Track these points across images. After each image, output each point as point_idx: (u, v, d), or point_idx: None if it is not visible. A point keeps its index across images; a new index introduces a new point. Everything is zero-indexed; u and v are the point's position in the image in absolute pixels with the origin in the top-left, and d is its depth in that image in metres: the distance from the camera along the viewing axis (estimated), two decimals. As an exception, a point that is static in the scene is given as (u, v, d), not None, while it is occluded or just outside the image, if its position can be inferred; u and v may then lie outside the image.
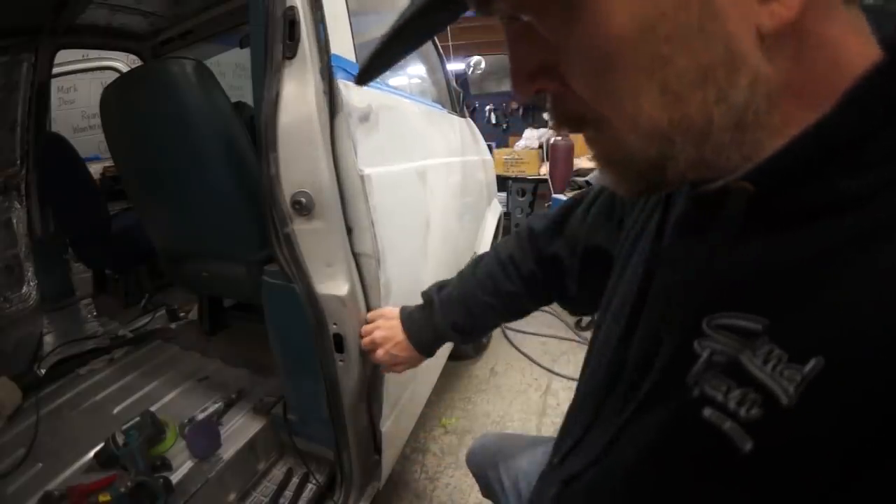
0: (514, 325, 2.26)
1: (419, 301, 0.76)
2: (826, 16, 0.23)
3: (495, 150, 3.29)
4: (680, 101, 0.23)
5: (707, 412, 0.25)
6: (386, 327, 0.76)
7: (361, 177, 0.80)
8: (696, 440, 0.26)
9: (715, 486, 0.25)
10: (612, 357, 0.38)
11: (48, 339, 1.52)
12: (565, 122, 0.28)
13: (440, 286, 0.74)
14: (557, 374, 1.86)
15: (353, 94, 0.81)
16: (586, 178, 2.49)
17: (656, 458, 0.29)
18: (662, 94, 0.23)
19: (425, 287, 0.76)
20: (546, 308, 2.50)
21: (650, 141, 0.25)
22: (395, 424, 1.02)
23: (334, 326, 0.83)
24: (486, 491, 0.75)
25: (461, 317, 0.69)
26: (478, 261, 0.73)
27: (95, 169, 2.16)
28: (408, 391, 1.08)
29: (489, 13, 0.27)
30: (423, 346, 0.74)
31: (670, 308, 0.31)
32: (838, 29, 0.23)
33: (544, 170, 3.04)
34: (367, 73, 0.35)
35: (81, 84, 2.80)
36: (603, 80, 0.24)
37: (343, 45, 0.83)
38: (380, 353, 0.76)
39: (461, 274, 0.74)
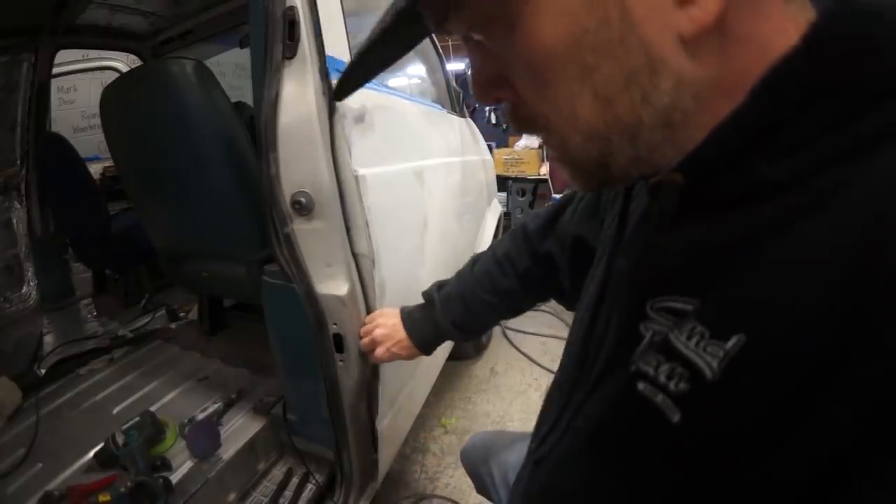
0: (514, 325, 2.26)
1: (416, 301, 0.77)
2: (755, 14, 0.23)
3: (495, 150, 3.29)
4: (610, 103, 0.25)
5: (641, 385, 0.27)
6: (386, 326, 0.77)
7: (356, 177, 0.80)
8: (634, 413, 0.28)
9: (651, 457, 0.27)
10: (580, 346, 0.40)
11: (48, 339, 1.52)
12: (520, 127, 0.31)
13: (440, 285, 0.75)
14: (557, 374, 1.86)
15: (349, 95, 0.81)
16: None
17: (603, 432, 0.32)
18: (594, 98, 0.25)
19: (422, 287, 0.77)
20: (546, 308, 2.51)
21: (591, 141, 0.27)
22: (392, 423, 1.02)
23: (334, 326, 0.83)
24: (480, 488, 0.76)
25: (461, 314, 0.70)
26: (475, 259, 0.74)
27: (95, 169, 2.16)
28: (405, 390, 1.08)
29: (447, 32, 0.30)
30: (424, 344, 0.75)
31: (620, 294, 0.34)
32: (772, 25, 0.23)
33: (544, 170, 3.04)
34: (344, 87, 0.38)
35: (81, 84, 2.80)
36: (543, 90, 0.27)
37: (338, 45, 0.83)
38: (380, 350, 0.77)
39: (459, 273, 0.75)
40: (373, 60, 0.34)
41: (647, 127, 0.25)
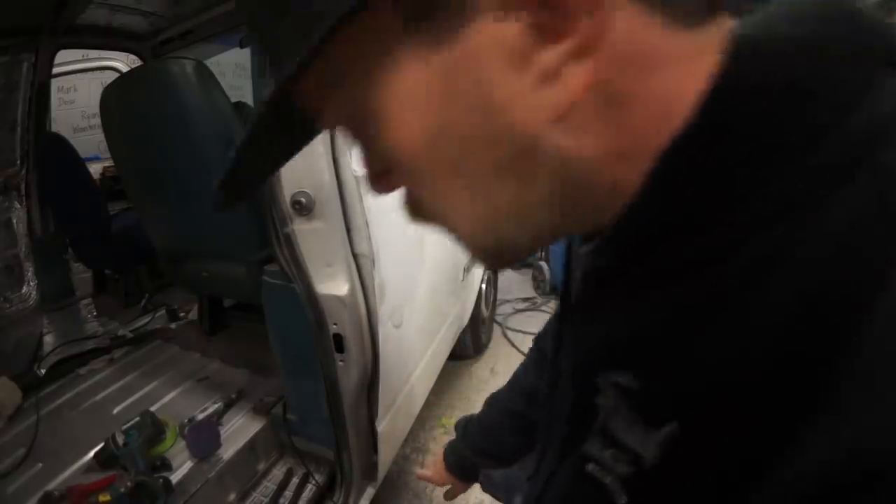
0: (514, 324, 2.26)
1: (413, 301, 0.76)
2: (639, 70, 0.20)
3: (495, 150, 3.29)
4: (489, 195, 0.24)
5: (590, 467, 0.26)
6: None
7: (356, 177, 0.80)
8: (589, 493, 0.27)
9: None
10: (547, 405, 0.40)
11: (48, 339, 1.52)
12: (417, 220, 0.29)
13: (468, 418, 0.72)
14: (557, 374, 1.86)
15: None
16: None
17: None
18: (471, 191, 0.24)
19: (421, 287, 0.76)
20: (546, 308, 2.51)
21: (480, 232, 0.26)
22: (392, 423, 1.02)
23: (334, 326, 0.83)
24: (484, 484, 0.76)
25: (489, 446, 0.67)
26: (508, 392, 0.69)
27: (95, 169, 2.16)
28: (405, 390, 1.08)
29: (324, 128, 0.29)
30: (459, 471, 0.73)
31: (571, 365, 0.32)
32: (667, 77, 0.20)
33: (544, 170, 3.04)
34: (229, 195, 0.31)
35: (81, 84, 2.80)
36: (420, 188, 0.26)
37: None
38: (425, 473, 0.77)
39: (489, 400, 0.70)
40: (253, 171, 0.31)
41: (541, 213, 0.24)
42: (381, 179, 0.28)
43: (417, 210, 0.28)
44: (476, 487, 0.78)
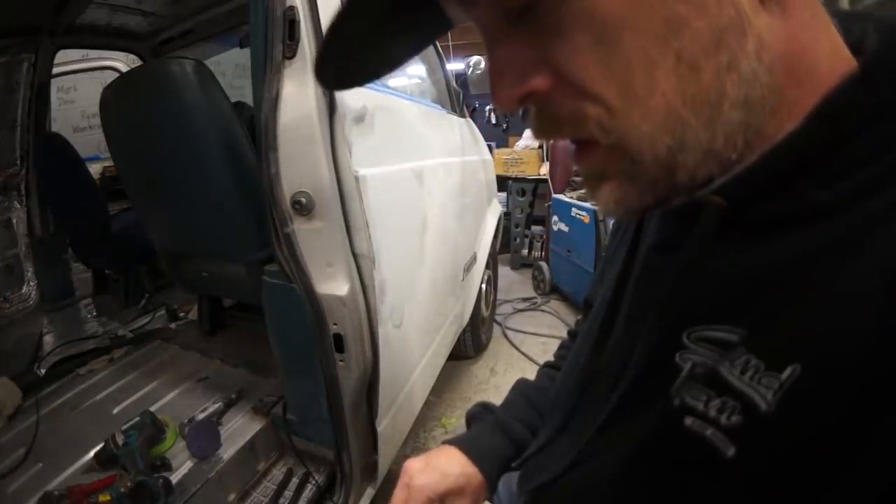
0: (513, 325, 2.26)
1: (413, 301, 0.73)
2: (820, 21, 0.23)
3: (495, 150, 3.28)
4: (695, 71, 0.21)
5: (689, 421, 0.25)
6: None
7: (356, 177, 0.80)
8: (680, 448, 0.26)
9: (702, 491, 0.26)
10: (583, 367, 0.38)
11: (48, 339, 1.52)
12: (554, 126, 0.24)
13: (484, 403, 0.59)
14: (557, 374, 1.86)
15: (347, 95, 0.81)
16: (586, 179, 2.49)
17: (641, 466, 0.29)
18: (677, 65, 0.20)
19: (420, 287, 0.75)
20: (546, 308, 2.51)
21: (664, 126, 0.22)
22: (392, 423, 1.02)
23: (334, 326, 0.83)
24: None
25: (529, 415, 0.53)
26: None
27: (95, 169, 2.16)
28: (405, 390, 1.08)
29: (473, 19, 0.25)
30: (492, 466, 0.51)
31: (647, 321, 0.31)
32: (809, 13, 0.23)
33: (544, 170, 3.03)
34: (341, 72, 0.30)
35: (81, 84, 2.80)
36: (610, 53, 0.21)
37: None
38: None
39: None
40: (373, 53, 0.28)
41: (730, 103, 0.21)
42: (523, 77, 0.23)
43: (566, 113, 0.23)
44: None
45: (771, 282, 0.24)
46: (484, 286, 1.84)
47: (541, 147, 3.21)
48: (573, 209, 2.34)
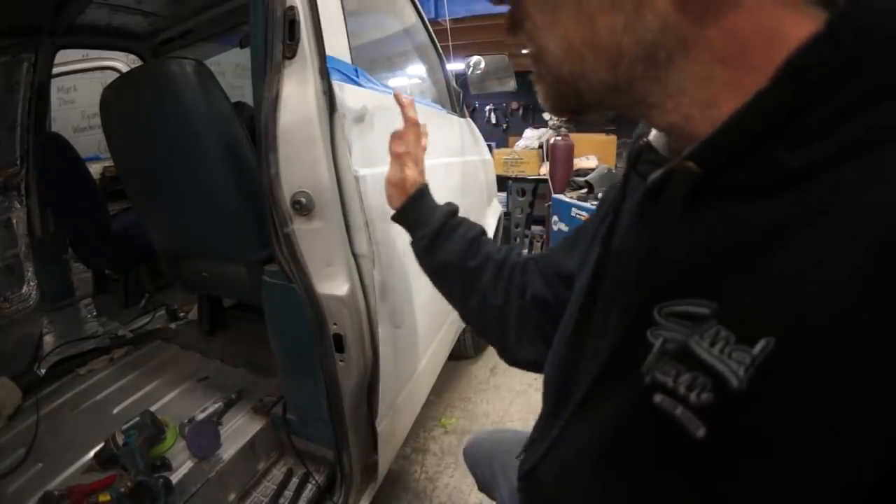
0: (513, 325, 2.26)
1: (413, 301, 0.74)
2: None
3: (495, 150, 3.28)
4: (591, 22, 0.27)
5: (658, 398, 0.25)
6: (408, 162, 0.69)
7: (356, 177, 0.80)
8: (650, 427, 0.26)
9: (671, 472, 0.25)
10: (565, 349, 0.38)
11: (48, 339, 1.52)
12: (513, 30, 0.33)
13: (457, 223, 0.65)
14: (557, 374, 1.86)
15: (347, 96, 0.81)
16: (586, 178, 2.49)
17: (614, 447, 0.29)
18: (579, 13, 0.27)
19: (420, 287, 0.76)
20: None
21: (565, 53, 0.29)
22: (392, 423, 1.02)
23: (334, 326, 0.83)
24: (482, 485, 0.76)
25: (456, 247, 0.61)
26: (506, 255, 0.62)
27: (95, 169, 2.16)
28: (405, 390, 1.08)
29: None
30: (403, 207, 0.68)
31: (617, 299, 0.32)
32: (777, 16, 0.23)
33: (544, 170, 3.03)
34: None
35: (81, 84, 2.80)
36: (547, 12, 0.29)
37: (338, 46, 0.83)
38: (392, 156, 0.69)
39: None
40: None
41: (629, 57, 0.26)
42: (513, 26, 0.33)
43: (518, 23, 0.32)
44: (476, 489, 0.78)
45: (742, 252, 0.23)
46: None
47: (541, 147, 3.21)
48: (573, 209, 2.34)
